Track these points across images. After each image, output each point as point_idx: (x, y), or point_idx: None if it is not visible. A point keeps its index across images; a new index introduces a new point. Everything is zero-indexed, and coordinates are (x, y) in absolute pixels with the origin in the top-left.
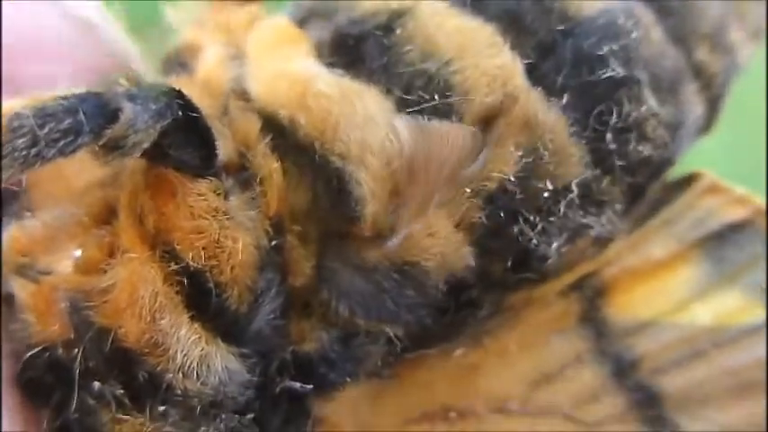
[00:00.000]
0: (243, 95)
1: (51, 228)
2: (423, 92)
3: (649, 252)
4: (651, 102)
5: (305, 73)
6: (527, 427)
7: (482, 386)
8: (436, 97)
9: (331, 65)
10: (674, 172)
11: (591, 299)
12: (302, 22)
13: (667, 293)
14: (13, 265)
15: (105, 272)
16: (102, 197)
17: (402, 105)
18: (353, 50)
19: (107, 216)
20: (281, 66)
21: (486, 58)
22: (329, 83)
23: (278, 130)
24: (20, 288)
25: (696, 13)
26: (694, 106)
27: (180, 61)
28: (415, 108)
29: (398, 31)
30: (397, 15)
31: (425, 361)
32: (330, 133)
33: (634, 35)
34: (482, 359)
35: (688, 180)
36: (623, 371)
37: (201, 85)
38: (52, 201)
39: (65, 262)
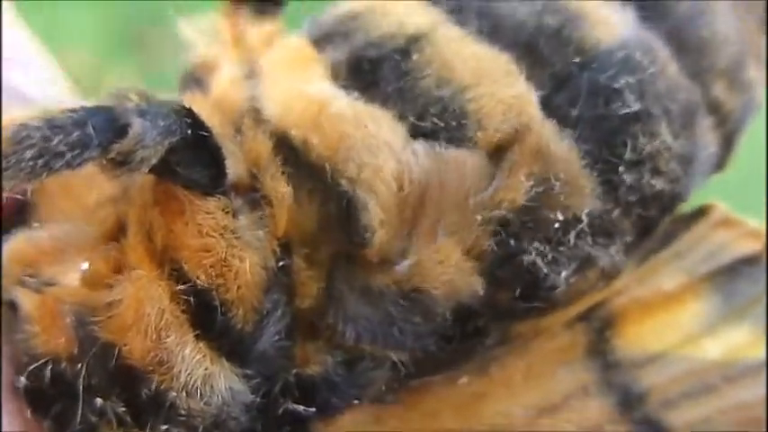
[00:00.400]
0: (257, 115)
1: (59, 240)
2: (437, 119)
3: (659, 284)
4: (665, 136)
5: (320, 94)
6: None
7: (487, 415)
8: (451, 124)
9: (346, 87)
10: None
11: (599, 330)
12: (319, 42)
13: (677, 327)
14: (18, 275)
15: (112, 287)
16: (112, 212)
17: (416, 131)
18: (370, 73)
19: (116, 231)
20: (297, 86)
21: (501, 87)
22: (344, 105)
23: (290, 151)
24: (24, 298)
25: (714, 49)
26: (709, 142)
27: (196, 78)
28: (429, 134)
29: (415, 57)
30: (415, 40)
31: (430, 388)
32: (342, 155)
33: (650, 70)
34: (488, 388)
35: (700, 212)
36: (630, 403)
37: (215, 104)
38: (61, 214)
39: (71, 275)
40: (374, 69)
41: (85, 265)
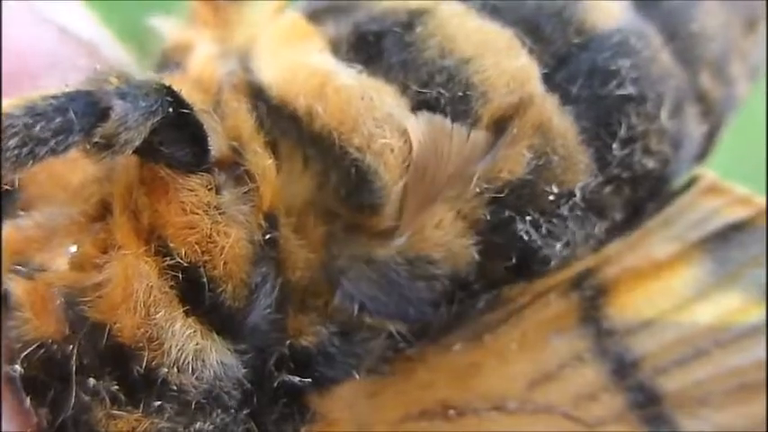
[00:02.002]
0: (247, 88)
1: (45, 225)
2: (442, 88)
3: (651, 252)
4: (657, 117)
5: (324, 65)
6: (526, 426)
7: (482, 384)
8: (456, 95)
9: (349, 60)
10: None
11: (591, 298)
12: (317, 17)
13: (669, 293)
14: (9, 264)
15: (100, 268)
16: (97, 194)
17: (420, 100)
18: (373, 47)
19: (101, 213)
20: (297, 58)
21: (505, 59)
22: (349, 77)
23: (290, 121)
24: (15, 285)
25: (702, 41)
26: (695, 129)
27: (172, 60)
28: (433, 105)
29: (419, 29)
30: (418, 14)
31: (425, 359)
32: (349, 125)
33: (644, 54)
34: (482, 358)
35: (689, 181)
36: (624, 370)
37: (193, 82)
38: (46, 199)
39: (59, 259)
40: (377, 42)
41: (73, 248)
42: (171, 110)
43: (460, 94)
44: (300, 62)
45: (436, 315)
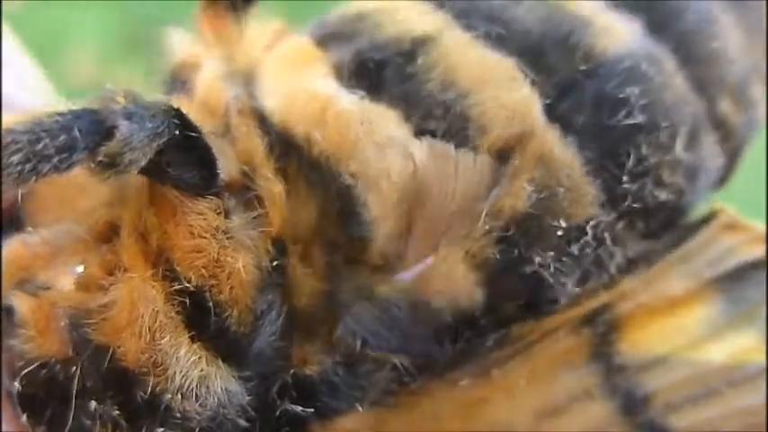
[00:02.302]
0: (251, 113)
1: (53, 244)
2: (440, 122)
3: (665, 289)
4: (669, 147)
5: (325, 91)
6: None
7: (488, 418)
8: (454, 128)
9: (351, 87)
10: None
11: (603, 334)
12: (323, 42)
13: (682, 331)
14: (14, 280)
15: (106, 290)
16: (106, 215)
17: (421, 132)
18: (374, 75)
19: (109, 234)
20: (300, 83)
21: (505, 92)
22: (350, 102)
23: (292, 148)
24: (20, 302)
25: (722, 64)
26: (713, 157)
27: (179, 79)
28: (434, 134)
29: (420, 60)
30: (421, 43)
31: (431, 392)
32: (346, 151)
33: (656, 80)
34: (489, 393)
35: (707, 216)
36: (634, 407)
37: (201, 104)
38: (55, 217)
39: (65, 278)
40: (378, 71)
41: (80, 269)
42: (177, 132)
43: (459, 126)
44: (302, 87)
45: (441, 351)
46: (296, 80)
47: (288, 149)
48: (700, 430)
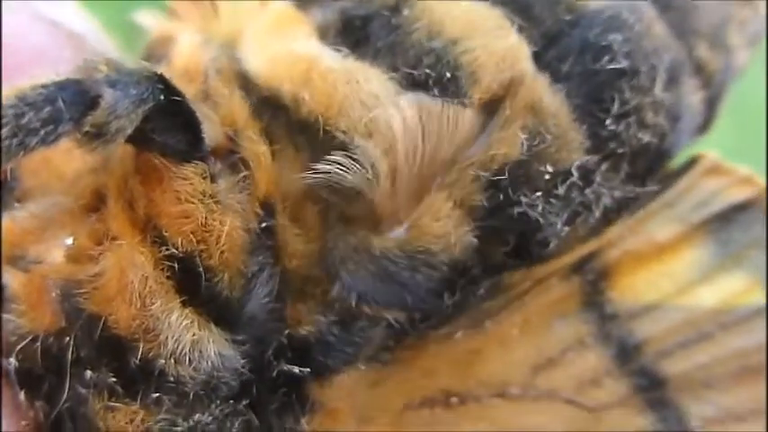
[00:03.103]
0: (234, 77)
1: (41, 217)
2: (430, 70)
3: (652, 234)
4: (650, 90)
5: (309, 51)
6: (529, 412)
7: (483, 371)
8: (445, 76)
9: (336, 45)
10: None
11: (593, 282)
12: (304, 4)
13: (671, 276)
14: (4, 256)
15: (96, 259)
16: (92, 184)
17: (409, 82)
18: (360, 31)
19: (97, 203)
20: (284, 45)
21: (494, 39)
22: (334, 61)
23: (279, 109)
24: (11, 278)
25: (698, 11)
26: (694, 101)
27: (156, 54)
28: (423, 86)
29: (406, 12)
30: None
31: (426, 346)
32: (335, 109)
33: (637, 28)
34: (483, 344)
35: (690, 162)
36: (626, 355)
37: (180, 73)
38: (42, 189)
39: (55, 251)
40: (364, 26)
41: (69, 240)
42: (162, 97)
43: (449, 74)
44: (286, 49)
45: (436, 303)
46: (279, 43)
47: (274, 111)
48: (693, 375)
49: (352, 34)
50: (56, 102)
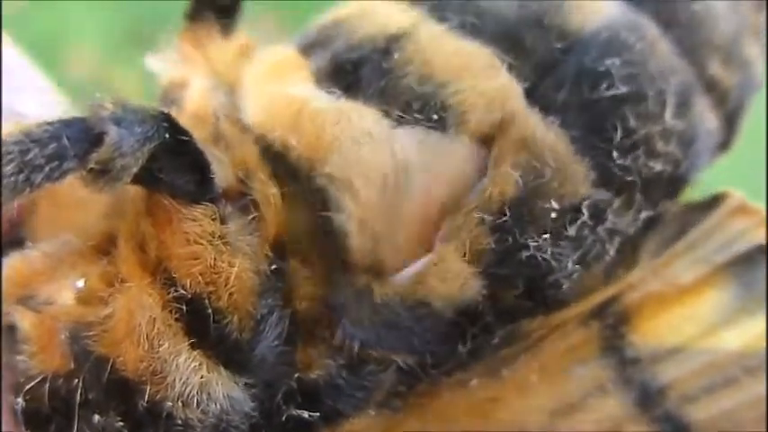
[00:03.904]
0: (236, 123)
1: (52, 258)
2: (419, 114)
3: (675, 276)
4: (658, 117)
5: (301, 94)
6: None
7: (502, 418)
8: (432, 119)
9: (329, 89)
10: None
11: (613, 326)
12: (304, 52)
13: (694, 319)
14: (15, 296)
15: (107, 302)
16: (104, 226)
17: (399, 126)
18: (351, 76)
19: (108, 246)
20: (279, 90)
21: (483, 80)
22: (325, 102)
23: (274, 155)
24: (22, 318)
25: (707, 25)
26: (708, 122)
27: (169, 98)
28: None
29: (396, 55)
30: (395, 39)
31: (440, 393)
32: (322, 152)
33: (638, 48)
34: (501, 391)
35: (715, 200)
36: (649, 400)
37: (191, 117)
38: (53, 231)
39: (66, 292)
40: (355, 71)
41: (81, 283)
42: (167, 135)
43: (436, 116)
44: (280, 94)
45: (447, 349)
46: (275, 88)
47: (271, 157)
48: (719, 420)
49: (344, 79)
50: (61, 139)
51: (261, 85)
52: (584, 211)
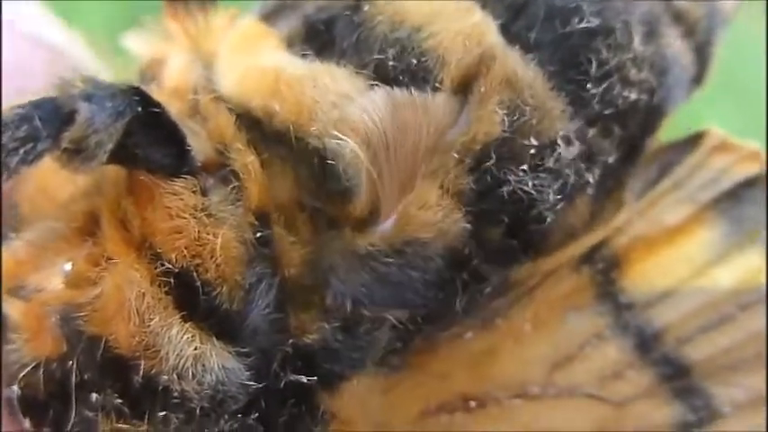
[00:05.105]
0: (213, 96)
1: (37, 245)
2: (397, 61)
3: (661, 218)
4: (630, 47)
5: (275, 63)
6: (550, 410)
7: (500, 371)
8: (412, 64)
9: (303, 53)
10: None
11: (604, 272)
12: (270, 17)
13: (685, 259)
14: (4, 288)
15: (95, 283)
16: (86, 208)
17: (378, 77)
18: (324, 35)
19: (92, 227)
20: (251, 61)
21: (457, 20)
22: (299, 67)
23: (253, 123)
24: (12, 308)
25: None
26: (680, 52)
27: (149, 76)
28: (392, 80)
29: (366, 8)
30: None
31: (436, 350)
32: (306, 115)
33: None
34: (497, 343)
35: (695, 139)
36: (647, 344)
37: (170, 93)
38: (36, 216)
39: (54, 278)
40: (328, 29)
41: (68, 266)
42: (140, 109)
43: (415, 62)
44: (253, 64)
45: (439, 298)
46: (247, 59)
47: (251, 126)
48: (718, 359)
49: (317, 39)
50: (32, 120)
51: (232, 59)
52: (561, 142)
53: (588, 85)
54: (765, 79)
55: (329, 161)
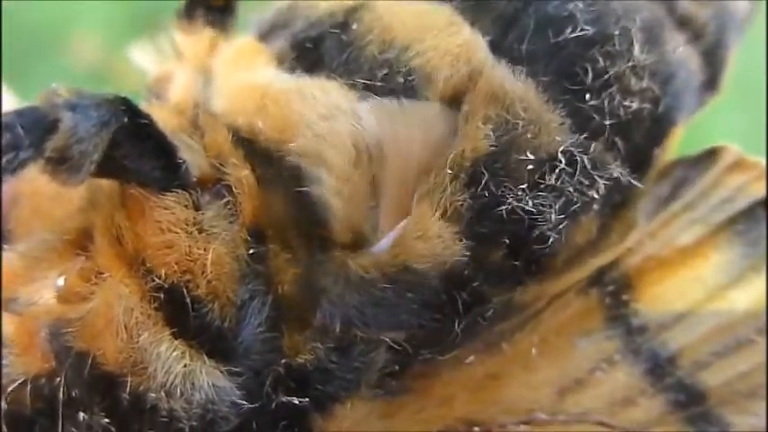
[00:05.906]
0: (210, 112)
1: (29, 258)
2: (385, 81)
3: (674, 238)
4: (627, 53)
5: (262, 79)
6: None
7: (505, 397)
8: (400, 83)
9: (291, 69)
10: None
11: (615, 294)
12: (264, 36)
13: (700, 281)
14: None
15: (87, 298)
16: (80, 222)
17: (365, 96)
18: (313, 53)
19: (85, 241)
20: (242, 76)
21: (446, 38)
22: (287, 81)
23: (244, 141)
24: (4, 322)
25: None
26: (686, 58)
27: (155, 93)
28: (380, 95)
29: (355, 27)
30: (353, 11)
31: (440, 374)
32: (289, 133)
33: None
34: (502, 368)
35: (709, 155)
36: (660, 369)
37: (173, 109)
38: (30, 230)
39: (46, 292)
40: (317, 48)
41: (60, 281)
42: (126, 120)
43: (402, 81)
44: (243, 82)
45: (437, 319)
46: (238, 77)
47: (244, 142)
48: (734, 384)
49: (307, 58)
50: (15, 128)
51: (225, 77)
52: (561, 158)
53: (587, 96)
54: (766, 79)
55: (307, 184)
